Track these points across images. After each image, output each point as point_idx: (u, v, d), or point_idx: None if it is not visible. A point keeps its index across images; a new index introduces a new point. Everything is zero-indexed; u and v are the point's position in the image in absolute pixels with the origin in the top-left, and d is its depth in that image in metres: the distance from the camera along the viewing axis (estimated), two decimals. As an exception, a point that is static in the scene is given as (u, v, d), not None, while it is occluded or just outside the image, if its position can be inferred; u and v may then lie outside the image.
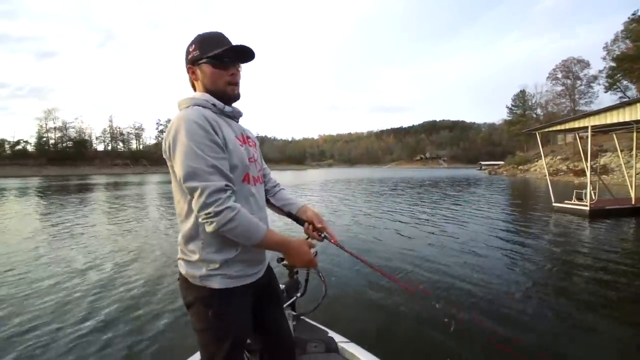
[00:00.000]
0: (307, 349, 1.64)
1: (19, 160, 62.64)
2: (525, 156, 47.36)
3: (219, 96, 1.07)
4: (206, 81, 1.06)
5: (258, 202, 1.12)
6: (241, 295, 1.06)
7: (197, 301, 1.03)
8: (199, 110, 0.98)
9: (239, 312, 1.05)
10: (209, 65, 1.04)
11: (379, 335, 2.93)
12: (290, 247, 1.02)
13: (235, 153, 1.02)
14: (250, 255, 1.07)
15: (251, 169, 1.10)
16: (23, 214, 10.72)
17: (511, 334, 2.94)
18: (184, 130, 0.93)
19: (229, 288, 1.02)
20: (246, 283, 1.07)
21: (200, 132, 0.93)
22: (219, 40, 1.05)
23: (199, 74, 1.07)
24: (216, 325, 1.02)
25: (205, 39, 1.06)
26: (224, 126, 1.03)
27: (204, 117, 0.96)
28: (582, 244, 6.38)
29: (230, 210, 0.91)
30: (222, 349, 1.00)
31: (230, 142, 1.02)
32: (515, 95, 64.00)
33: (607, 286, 4.11)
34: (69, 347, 2.76)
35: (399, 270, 4.70)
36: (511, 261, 5.15)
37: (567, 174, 31.38)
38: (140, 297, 3.79)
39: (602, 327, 3.13)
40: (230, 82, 1.07)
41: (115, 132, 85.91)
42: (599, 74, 46.22)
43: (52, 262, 5.21)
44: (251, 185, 1.09)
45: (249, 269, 1.08)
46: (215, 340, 1.02)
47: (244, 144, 1.10)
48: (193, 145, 0.92)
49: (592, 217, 9.20)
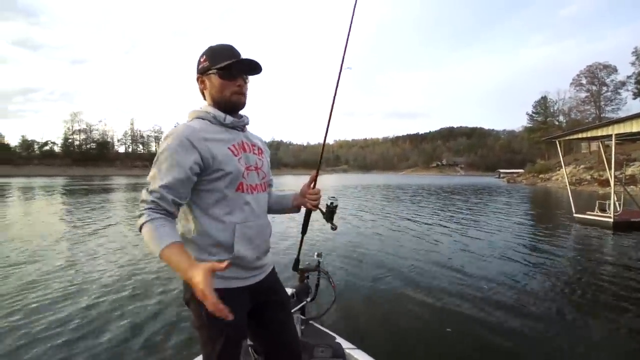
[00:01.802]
0: (314, 353, 1.66)
1: (46, 160, 65.75)
2: (546, 164, 45.94)
3: (224, 105, 1.12)
4: (214, 91, 1.12)
5: (254, 210, 1.13)
6: (235, 297, 1.07)
7: (193, 299, 1.06)
8: (190, 127, 1.04)
9: (233, 313, 1.07)
10: (217, 76, 1.09)
11: (387, 344, 2.88)
12: (184, 273, 0.87)
13: (225, 164, 1.06)
14: (244, 260, 1.09)
15: (250, 177, 1.13)
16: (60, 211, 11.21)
17: (522, 349, 2.83)
18: (165, 145, 1.02)
19: (222, 288, 1.04)
20: (241, 285, 1.10)
21: (176, 151, 0.99)
22: (228, 52, 1.10)
23: (207, 84, 1.12)
24: (210, 324, 1.05)
25: (215, 51, 1.11)
26: (215, 140, 1.07)
27: (189, 136, 1.01)
28: (604, 257, 6.10)
29: (144, 218, 0.93)
30: (216, 348, 1.05)
31: (220, 154, 1.05)
32: (536, 102, 62.44)
33: (627, 301, 3.91)
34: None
35: (412, 274, 4.63)
36: (526, 271, 4.98)
37: (591, 184, 30.17)
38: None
39: (622, 346, 2.98)
40: (236, 92, 1.11)
41: (135, 135, 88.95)
42: (627, 79, 44.58)
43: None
44: (246, 194, 1.11)
45: (244, 272, 1.11)
46: (210, 339, 1.06)
47: (240, 152, 1.12)
48: (163, 158, 1.00)
49: (615, 229, 8.77)
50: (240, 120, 1.17)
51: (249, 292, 1.13)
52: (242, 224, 1.09)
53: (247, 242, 1.10)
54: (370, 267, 5.11)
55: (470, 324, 3.24)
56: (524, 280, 4.62)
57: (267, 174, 1.24)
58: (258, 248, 1.14)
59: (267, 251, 1.22)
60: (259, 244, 1.15)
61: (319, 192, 1.37)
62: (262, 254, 1.18)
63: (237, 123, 1.15)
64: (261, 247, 1.16)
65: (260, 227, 1.15)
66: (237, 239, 1.07)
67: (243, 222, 1.09)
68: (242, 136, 1.18)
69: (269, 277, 1.22)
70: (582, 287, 4.43)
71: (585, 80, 50.67)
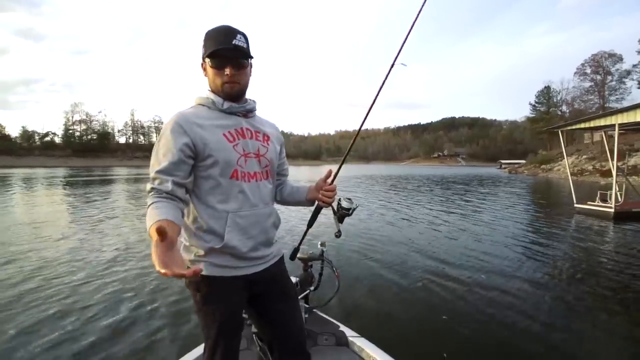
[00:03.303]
0: (317, 341, 1.69)
1: (47, 151, 65.69)
2: (548, 155, 45.66)
3: (219, 93, 1.10)
4: (209, 79, 1.10)
5: (250, 199, 1.09)
6: (229, 285, 1.08)
7: (190, 283, 1.10)
8: (182, 114, 1.05)
9: (225, 301, 1.08)
10: (209, 65, 1.07)
11: (390, 332, 2.90)
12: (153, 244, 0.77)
13: (216, 150, 1.04)
14: (235, 250, 1.06)
15: (248, 164, 1.10)
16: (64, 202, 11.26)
17: (523, 340, 2.85)
18: (161, 133, 1.05)
19: (215, 276, 1.06)
20: (235, 275, 1.08)
21: (169, 137, 1.01)
22: (217, 37, 1.04)
23: (207, 70, 1.09)
24: (204, 309, 1.09)
25: (208, 35, 1.06)
26: (208, 125, 1.05)
27: (180, 122, 1.02)
28: (604, 247, 6.12)
29: (149, 202, 0.95)
30: (211, 333, 1.07)
31: (212, 140, 1.04)
32: (539, 92, 61.76)
33: (627, 291, 3.93)
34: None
35: (414, 263, 4.67)
36: (525, 261, 5.00)
37: (593, 174, 30.06)
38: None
39: (623, 334, 3.00)
40: (227, 81, 1.06)
41: (136, 126, 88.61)
42: (632, 68, 43.99)
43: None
44: (242, 182, 1.08)
45: (237, 261, 1.08)
46: (205, 324, 1.09)
47: (238, 139, 1.09)
48: (159, 146, 1.02)
49: (616, 220, 8.77)
50: (241, 106, 1.12)
51: (245, 282, 1.11)
52: (234, 212, 1.06)
53: (240, 232, 1.07)
54: (373, 256, 5.14)
55: (470, 314, 3.27)
56: (523, 269, 4.64)
57: (271, 162, 1.19)
58: (254, 239, 1.10)
59: (268, 242, 1.18)
60: (255, 235, 1.11)
61: (334, 188, 1.30)
62: (260, 244, 1.13)
63: (236, 109, 1.11)
64: (258, 238, 1.12)
65: (256, 217, 1.11)
66: (229, 228, 1.04)
67: (236, 211, 1.06)
68: (245, 122, 1.14)
69: (272, 267, 1.19)
70: (581, 277, 4.46)
71: (590, 70, 50.03)
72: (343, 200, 1.39)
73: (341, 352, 1.65)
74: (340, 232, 1.40)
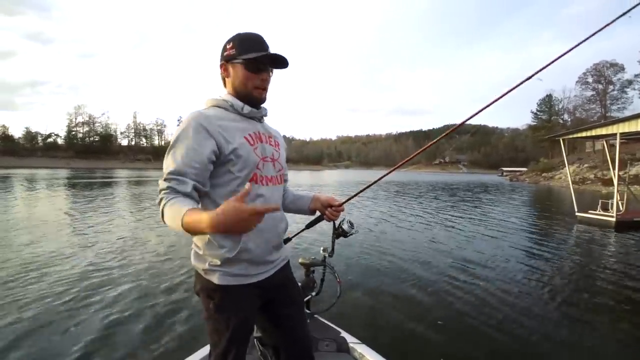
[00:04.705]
0: (318, 347, 1.68)
1: (49, 153, 65.89)
2: (550, 163, 45.63)
3: (245, 97, 1.09)
4: (236, 81, 1.08)
5: (269, 202, 1.09)
6: (243, 293, 1.07)
7: (202, 291, 1.08)
8: (203, 114, 1.01)
9: (239, 310, 1.07)
10: (242, 67, 1.05)
11: (391, 338, 2.91)
12: (213, 221, 0.74)
13: (239, 153, 1.03)
14: (253, 255, 1.06)
15: (265, 168, 1.10)
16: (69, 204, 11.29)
17: (519, 346, 2.85)
18: (179, 131, 0.98)
19: (230, 285, 1.05)
20: (249, 282, 1.08)
21: (191, 138, 0.96)
22: (257, 43, 1.06)
23: (230, 72, 1.09)
24: (216, 317, 1.06)
25: (244, 39, 1.06)
26: (231, 128, 1.04)
27: (204, 123, 0.98)
28: (605, 256, 6.10)
29: (163, 201, 0.90)
30: (221, 341, 1.04)
31: (235, 143, 1.02)
32: (541, 100, 62.05)
33: (628, 301, 3.92)
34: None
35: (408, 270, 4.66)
36: (526, 269, 4.99)
37: (595, 183, 29.99)
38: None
39: (621, 341, 2.99)
40: (258, 86, 1.08)
41: (139, 128, 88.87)
42: (634, 78, 44.11)
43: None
44: (260, 185, 1.08)
45: (252, 268, 1.08)
46: (216, 332, 1.06)
47: (257, 142, 1.09)
48: (178, 145, 0.97)
49: (618, 229, 8.75)
50: (259, 112, 1.13)
51: (259, 289, 1.10)
52: None
53: (257, 236, 1.05)
54: (375, 263, 5.13)
55: (467, 320, 3.27)
56: (522, 277, 4.63)
57: (283, 167, 1.20)
58: (268, 243, 1.11)
59: (280, 246, 1.18)
60: (270, 239, 1.11)
61: (343, 209, 1.35)
62: (274, 248, 1.14)
63: (255, 114, 1.12)
64: (272, 242, 1.12)
65: (273, 221, 1.10)
66: (247, 233, 1.04)
67: None
68: (260, 127, 1.15)
69: (280, 272, 1.19)
70: (581, 285, 4.45)
71: (592, 79, 50.35)
72: (345, 222, 1.45)
73: (342, 358, 1.64)
74: (334, 251, 1.46)
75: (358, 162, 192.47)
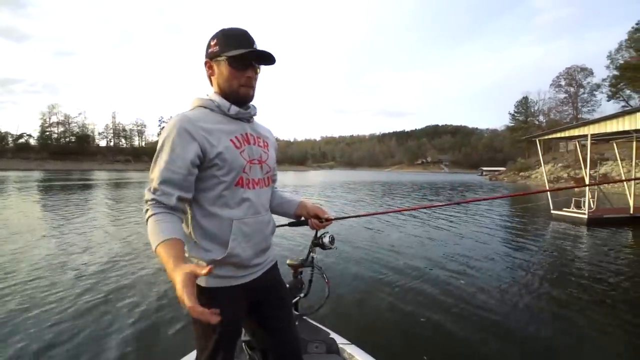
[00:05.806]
0: (308, 349, 1.65)
1: (21, 154, 62.89)
2: (527, 163, 47.30)
3: (231, 96, 1.05)
4: (221, 79, 1.04)
5: (255, 206, 1.08)
6: (230, 296, 1.05)
7: None
8: (186, 117, 0.98)
9: (225, 312, 1.02)
10: (227, 64, 1.01)
11: (381, 338, 2.94)
12: (169, 274, 0.81)
13: (224, 156, 1.00)
14: (239, 259, 1.04)
15: (252, 171, 1.07)
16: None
17: (502, 345, 2.97)
18: (163, 138, 0.97)
19: (217, 287, 1.04)
20: (236, 284, 1.06)
21: (175, 143, 0.95)
22: (241, 39, 1.02)
23: (215, 70, 1.05)
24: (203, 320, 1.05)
25: (228, 35, 1.02)
26: (216, 131, 1.01)
27: (187, 127, 0.96)
28: (578, 250, 6.40)
29: (147, 214, 0.93)
30: (209, 344, 1.02)
31: (220, 146, 1.00)
32: (518, 102, 64.26)
33: (601, 292, 4.14)
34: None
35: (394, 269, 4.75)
36: (504, 266, 5.17)
37: (568, 182, 31.28)
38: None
39: (596, 331, 3.17)
40: (244, 84, 1.04)
41: (117, 129, 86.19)
42: (602, 82, 46.33)
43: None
44: (246, 189, 1.05)
45: (239, 271, 1.07)
46: (204, 335, 1.04)
47: (244, 145, 1.06)
48: (163, 152, 0.96)
49: (589, 225, 9.23)
50: (247, 112, 1.09)
51: (246, 291, 1.09)
52: (239, 220, 1.03)
53: (244, 240, 1.05)
54: (363, 263, 5.19)
55: (449, 317, 3.37)
56: (502, 273, 4.81)
57: (271, 168, 1.17)
58: (256, 246, 1.09)
59: (267, 249, 1.17)
60: (257, 242, 1.10)
61: (330, 224, 1.36)
62: (261, 251, 1.12)
63: (243, 114, 1.08)
64: (259, 245, 1.11)
65: (259, 224, 1.09)
66: (233, 236, 1.02)
67: (241, 219, 1.04)
68: (248, 127, 1.12)
69: (268, 274, 1.17)
70: (556, 280, 4.66)
71: (564, 82, 52.56)
72: (327, 236, 1.50)
73: (332, 359, 1.63)
74: (307, 259, 1.53)
75: (342, 163, 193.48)
